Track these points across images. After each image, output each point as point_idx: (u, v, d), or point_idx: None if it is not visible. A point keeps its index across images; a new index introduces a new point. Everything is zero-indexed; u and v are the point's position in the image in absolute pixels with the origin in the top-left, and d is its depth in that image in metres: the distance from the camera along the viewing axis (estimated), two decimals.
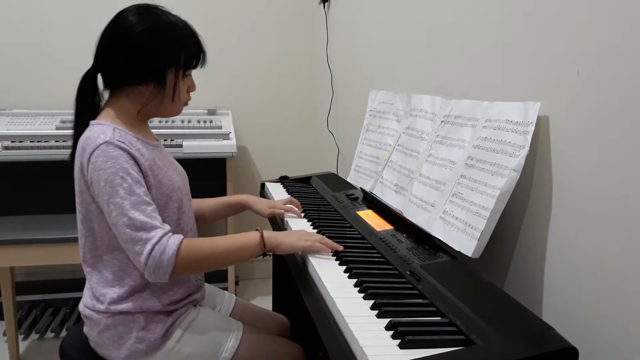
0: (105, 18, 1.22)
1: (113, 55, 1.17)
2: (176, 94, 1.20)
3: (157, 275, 1.08)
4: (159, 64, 1.16)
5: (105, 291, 1.16)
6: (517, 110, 1.07)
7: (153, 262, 1.06)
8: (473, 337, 0.80)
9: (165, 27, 1.17)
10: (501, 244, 1.16)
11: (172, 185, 1.21)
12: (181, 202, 1.24)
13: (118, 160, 1.09)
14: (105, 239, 1.16)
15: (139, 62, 1.15)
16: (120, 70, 1.17)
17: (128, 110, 1.20)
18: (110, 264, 1.17)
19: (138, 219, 1.07)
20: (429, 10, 1.55)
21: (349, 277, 1.05)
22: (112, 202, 1.07)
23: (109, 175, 1.07)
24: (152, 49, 1.15)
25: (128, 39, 1.14)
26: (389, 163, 1.53)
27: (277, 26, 2.90)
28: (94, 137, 1.11)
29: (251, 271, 3.11)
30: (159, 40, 1.15)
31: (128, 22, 1.15)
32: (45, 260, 2.01)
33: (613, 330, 0.87)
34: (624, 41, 0.84)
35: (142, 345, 1.15)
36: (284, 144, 3.02)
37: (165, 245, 1.07)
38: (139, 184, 1.10)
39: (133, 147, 1.12)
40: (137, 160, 1.12)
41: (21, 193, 2.54)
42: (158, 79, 1.17)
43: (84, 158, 1.11)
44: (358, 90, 2.22)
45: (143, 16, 1.16)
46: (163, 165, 1.21)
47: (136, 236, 1.06)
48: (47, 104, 2.59)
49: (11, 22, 2.56)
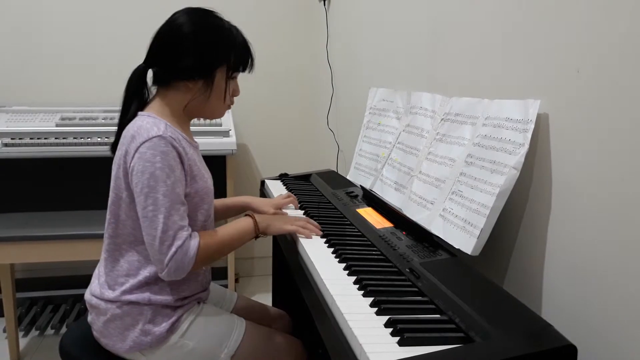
0: (106, 16, 1.22)
1: (166, 51, 1.20)
2: (226, 94, 1.25)
3: (176, 275, 1.12)
4: (208, 61, 1.20)
5: (119, 280, 1.19)
6: (517, 108, 1.07)
7: (175, 264, 1.10)
8: (472, 335, 0.80)
9: (219, 27, 1.22)
10: (501, 241, 1.16)
11: (207, 187, 1.25)
12: (210, 205, 1.29)
13: (167, 157, 1.11)
14: (128, 227, 1.18)
15: (189, 57, 1.18)
16: (171, 64, 1.20)
17: (175, 105, 1.23)
18: (128, 254, 1.19)
19: (172, 218, 1.10)
20: (429, 8, 1.55)
21: (348, 275, 1.05)
22: (152, 196, 1.09)
23: (156, 170, 1.10)
24: (203, 46, 1.19)
25: (183, 35, 1.18)
26: (389, 161, 1.53)
27: (277, 23, 2.89)
28: (147, 128, 1.13)
29: (251, 268, 3.11)
30: (211, 37, 1.20)
31: (184, 21, 1.20)
32: (45, 257, 2.01)
33: (612, 328, 0.87)
34: (624, 39, 0.84)
35: (147, 337, 1.16)
36: (284, 142, 3.02)
37: (187, 248, 1.11)
38: (180, 183, 1.14)
39: (180, 145, 1.15)
40: (182, 158, 1.15)
41: (21, 190, 2.54)
42: (206, 76, 1.20)
43: (131, 146, 1.12)
44: (358, 87, 2.22)
45: (199, 17, 1.21)
46: (200, 166, 1.25)
47: (165, 236, 1.09)
48: (47, 101, 2.59)
49: (11, 18, 2.56)
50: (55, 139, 2.26)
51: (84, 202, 2.31)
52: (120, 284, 1.18)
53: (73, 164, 2.46)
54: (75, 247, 1.97)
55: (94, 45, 2.65)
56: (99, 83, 2.65)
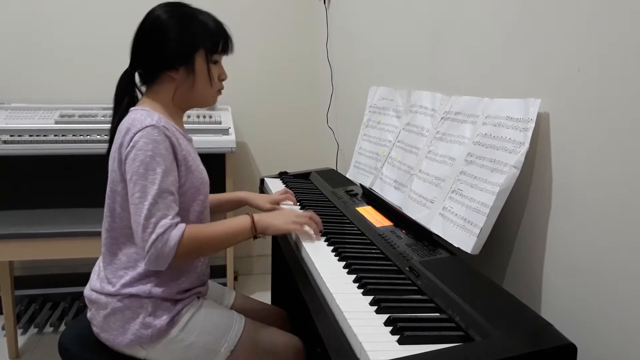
0: (104, 12, 1.23)
1: (143, 46, 1.24)
2: (210, 78, 1.26)
3: (155, 264, 1.11)
4: (185, 48, 1.22)
5: (119, 273, 1.20)
6: (517, 107, 1.07)
7: (155, 252, 1.10)
8: (472, 333, 0.80)
9: (191, 14, 1.24)
10: (500, 240, 1.16)
11: (202, 178, 1.27)
12: (206, 196, 1.30)
13: (159, 145, 1.13)
14: (124, 220, 1.19)
15: (167, 47, 1.21)
16: (151, 58, 1.23)
17: (164, 98, 1.25)
18: (126, 247, 1.21)
19: (156, 206, 1.10)
20: (430, 6, 1.55)
21: (348, 273, 1.05)
22: (140, 183, 1.11)
23: (146, 157, 1.11)
24: (178, 33, 1.21)
25: (156, 28, 1.21)
26: (389, 159, 1.53)
27: (277, 21, 2.89)
28: (140, 119, 1.15)
29: (250, 267, 3.11)
30: (184, 24, 1.22)
31: (157, 14, 1.23)
32: (44, 254, 2.01)
33: (611, 327, 0.87)
34: (625, 38, 0.84)
35: (147, 331, 1.17)
36: (284, 140, 3.02)
37: (168, 237, 1.10)
38: (170, 172, 1.15)
39: (174, 136, 1.17)
40: (175, 148, 1.17)
41: (20, 187, 2.53)
42: (186, 62, 1.22)
43: (126, 137, 1.14)
44: (358, 86, 2.22)
45: (171, 8, 1.24)
46: (195, 158, 1.27)
47: (147, 223, 1.10)
48: (47, 98, 2.58)
49: (11, 16, 2.55)
50: (55, 136, 2.26)
51: (83, 200, 2.30)
52: (120, 277, 1.19)
53: (72, 161, 2.45)
54: (74, 244, 1.96)
55: (93, 43, 2.64)
56: (98, 80, 2.64)
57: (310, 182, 1.89)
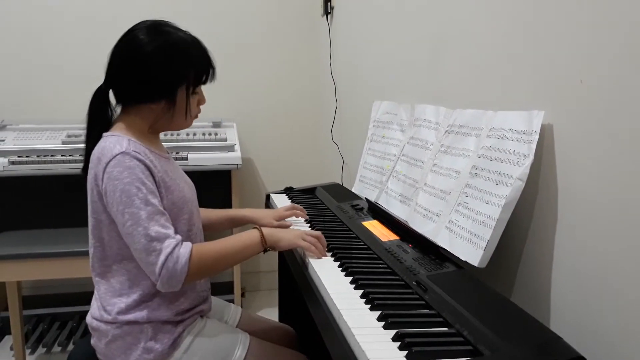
0: (112, 34, 1.23)
1: (124, 74, 1.19)
2: (187, 110, 1.23)
3: (170, 285, 1.10)
4: (169, 83, 1.18)
5: (113, 301, 1.17)
6: (521, 119, 1.07)
7: (167, 272, 1.08)
8: (481, 348, 0.80)
9: (175, 44, 1.18)
10: (507, 253, 1.16)
11: (184, 197, 1.23)
12: (191, 214, 1.26)
13: (134, 170, 1.11)
14: (114, 248, 1.17)
15: (149, 81, 1.17)
16: (131, 88, 1.19)
17: (139, 125, 1.22)
18: (119, 274, 1.18)
19: (153, 228, 1.09)
20: (432, 20, 1.56)
21: (355, 288, 1.04)
22: (128, 211, 1.09)
23: (125, 185, 1.09)
24: (162, 69, 1.17)
25: (138, 58, 1.16)
26: (394, 173, 1.53)
27: (280, 38, 2.92)
28: (110, 148, 1.13)
29: (257, 283, 3.10)
30: (169, 59, 1.17)
31: (138, 41, 1.17)
32: (51, 274, 2.01)
33: (622, 340, 0.86)
34: (627, 49, 0.84)
35: (150, 355, 1.15)
36: (289, 155, 3.03)
37: (177, 255, 1.09)
38: (154, 194, 1.13)
39: (147, 158, 1.14)
40: (151, 170, 1.14)
41: (28, 207, 2.55)
42: (168, 97, 1.19)
43: (99, 168, 1.13)
44: (362, 101, 2.23)
45: (153, 34, 1.17)
46: (174, 177, 1.23)
47: (150, 246, 1.08)
48: (54, 119, 2.60)
49: (17, 37, 2.59)
50: (62, 157, 2.28)
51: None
52: (114, 305, 1.17)
53: (79, 182, 2.46)
54: (82, 264, 1.97)
55: (100, 64, 2.66)
56: None
57: (316, 197, 1.90)
